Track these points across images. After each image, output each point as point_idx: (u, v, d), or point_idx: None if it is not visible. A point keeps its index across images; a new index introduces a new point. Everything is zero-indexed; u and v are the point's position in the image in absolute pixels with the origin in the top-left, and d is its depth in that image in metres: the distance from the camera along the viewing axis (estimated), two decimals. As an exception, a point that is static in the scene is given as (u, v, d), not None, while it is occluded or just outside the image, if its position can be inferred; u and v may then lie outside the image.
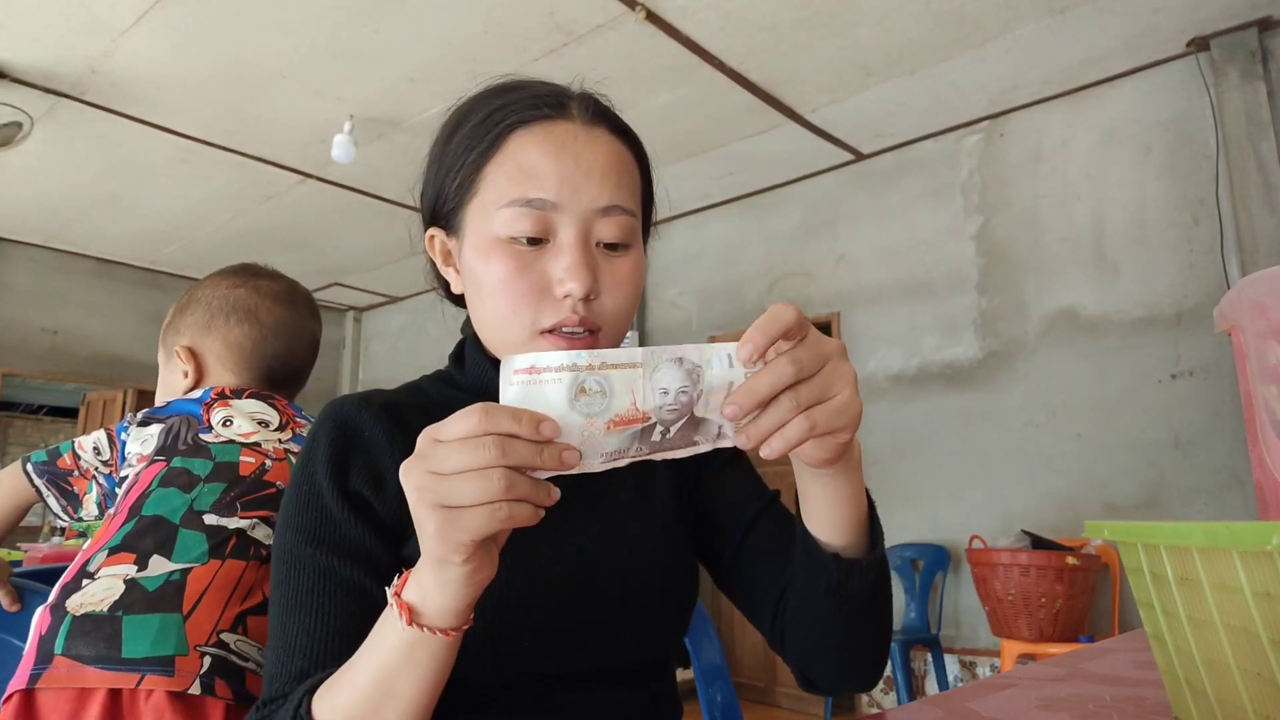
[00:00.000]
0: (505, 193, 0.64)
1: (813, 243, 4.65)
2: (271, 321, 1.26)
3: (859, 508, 0.62)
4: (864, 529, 0.64)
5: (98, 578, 0.97)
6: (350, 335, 7.69)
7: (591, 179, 0.64)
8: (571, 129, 0.66)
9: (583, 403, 0.48)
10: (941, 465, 3.97)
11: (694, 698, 1.20)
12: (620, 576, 0.71)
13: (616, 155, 0.67)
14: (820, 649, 0.68)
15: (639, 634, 0.72)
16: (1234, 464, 3.19)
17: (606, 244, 0.66)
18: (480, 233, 0.66)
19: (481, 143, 0.67)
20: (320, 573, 0.63)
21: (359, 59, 3.51)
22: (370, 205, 5.10)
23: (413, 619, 0.51)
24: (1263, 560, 0.42)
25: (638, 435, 0.49)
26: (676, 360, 0.49)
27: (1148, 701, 0.65)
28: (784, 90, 3.79)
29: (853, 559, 0.63)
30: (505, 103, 0.68)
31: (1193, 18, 3.28)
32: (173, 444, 1.10)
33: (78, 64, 3.54)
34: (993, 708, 0.65)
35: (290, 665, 0.60)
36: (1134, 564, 0.56)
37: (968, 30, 3.34)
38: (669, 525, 0.77)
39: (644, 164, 0.73)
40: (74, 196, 4.99)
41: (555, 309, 0.64)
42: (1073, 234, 3.75)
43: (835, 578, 0.63)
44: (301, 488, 0.67)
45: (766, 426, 0.49)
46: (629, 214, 0.66)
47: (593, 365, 0.47)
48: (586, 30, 3.31)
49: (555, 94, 0.68)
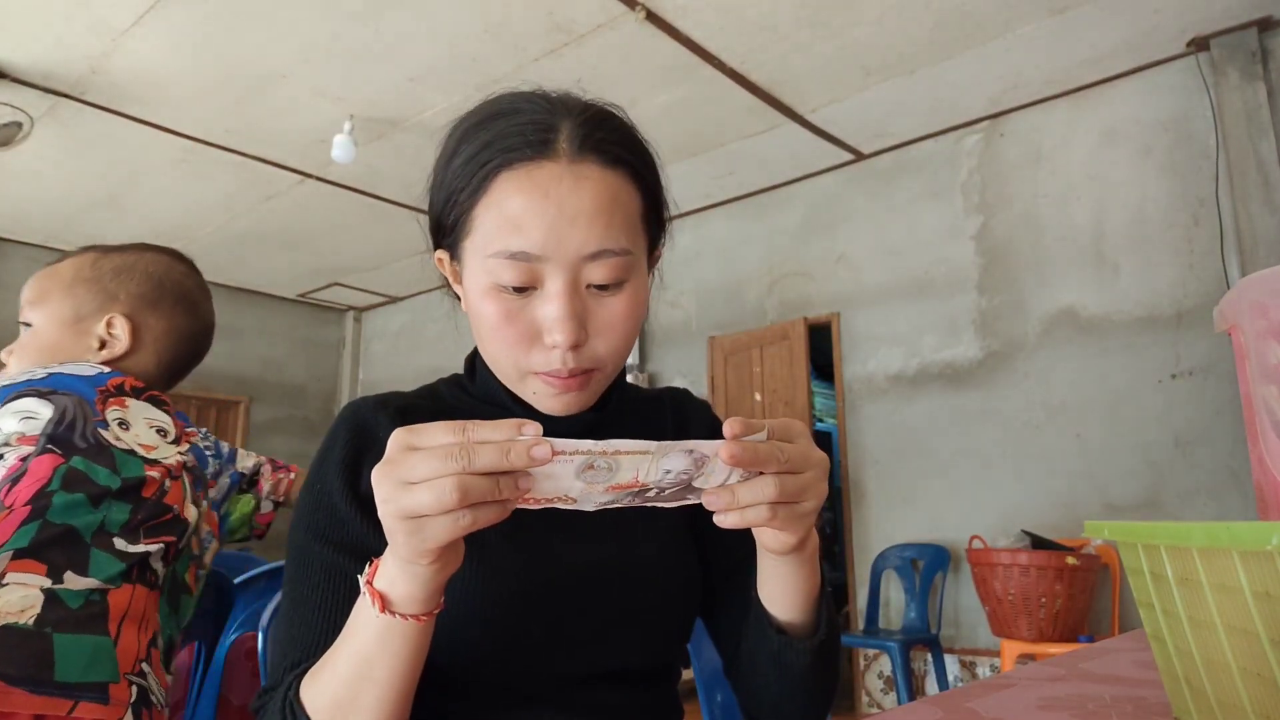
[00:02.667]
0: (492, 241, 0.63)
1: (813, 243, 4.65)
2: (206, 319, 1.20)
3: (809, 594, 0.66)
4: (812, 612, 0.68)
5: (5, 583, 0.88)
6: (350, 335, 7.69)
7: (577, 227, 0.62)
8: (555, 171, 0.63)
9: (587, 475, 0.50)
10: (941, 465, 3.98)
11: (694, 698, 1.21)
12: (628, 581, 0.71)
13: (606, 194, 0.64)
14: (760, 699, 0.74)
15: (646, 638, 0.72)
16: (1234, 464, 3.19)
17: (598, 285, 0.64)
18: (473, 272, 0.66)
19: (470, 183, 0.65)
20: (327, 570, 0.65)
21: (359, 59, 3.51)
22: (370, 205, 5.11)
23: (385, 606, 0.53)
24: (1263, 560, 0.42)
25: (634, 494, 0.52)
26: (687, 451, 0.50)
27: (1148, 701, 0.65)
28: (784, 90, 3.79)
29: (795, 638, 0.67)
30: (492, 138, 0.65)
31: (1193, 18, 3.28)
32: (68, 434, 1.00)
33: (78, 64, 3.54)
34: (992, 708, 0.65)
35: (290, 655, 0.63)
36: (1134, 564, 0.56)
37: (968, 30, 3.34)
38: (676, 531, 0.77)
39: (648, 183, 0.69)
40: (74, 196, 4.99)
41: (545, 357, 0.64)
42: (1073, 234, 3.75)
43: (775, 648, 0.67)
44: (315, 487, 0.69)
45: (741, 499, 0.53)
46: (620, 254, 0.64)
47: (605, 452, 0.49)
48: (586, 30, 3.31)
49: (542, 127, 0.64)
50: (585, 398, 0.69)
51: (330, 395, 7.68)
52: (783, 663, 0.67)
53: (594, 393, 0.70)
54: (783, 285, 4.74)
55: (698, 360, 4.97)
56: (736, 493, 0.53)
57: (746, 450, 0.51)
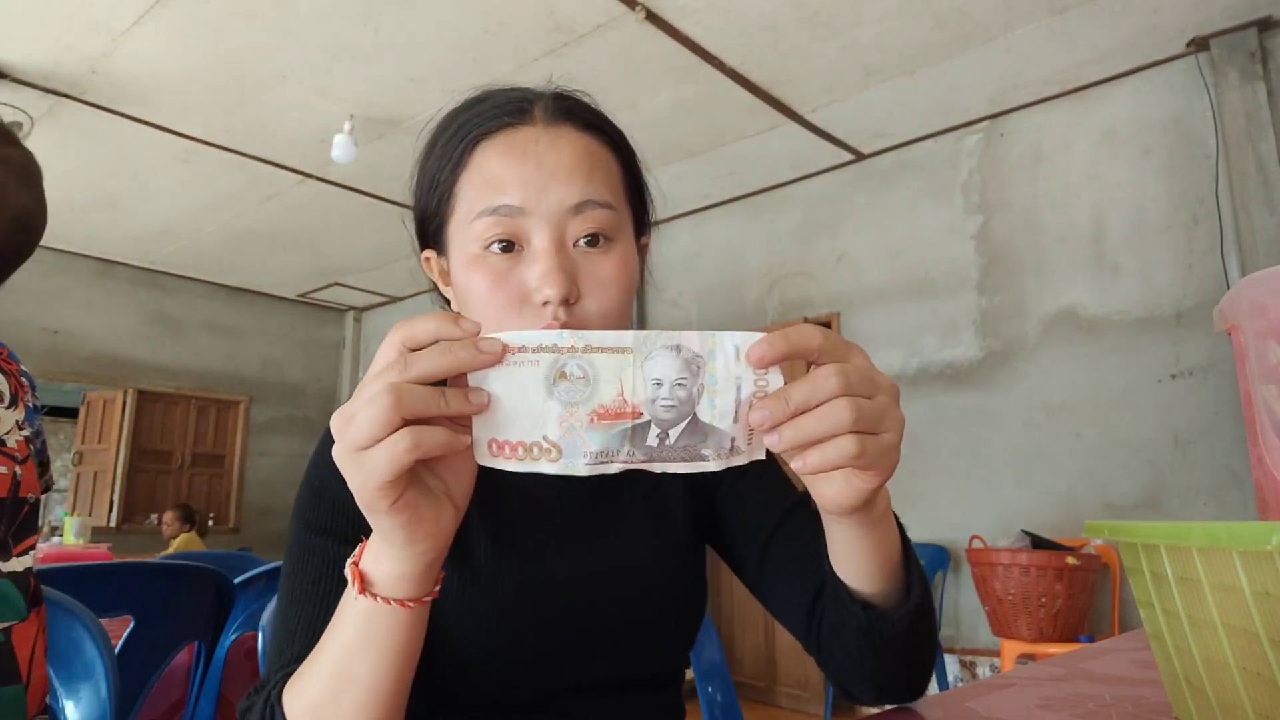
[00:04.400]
0: (475, 205, 0.63)
1: (813, 243, 4.65)
2: (14, 210, 0.86)
3: (891, 556, 0.59)
4: (897, 575, 0.61)
5: None
6: (350, 335, 7.69)
7: (557, 179, 0.62)
8: (533, 132, 0.64)
9: (562, 388, 0.42)
10: (941, 465, 3.97)
11: (694, 697, 1.20)
12: (631, 589, 0.70)
13: (584, 150, 0.65)
14: (853, 674, 0.66)
15: (649, 646, 0.72)
16: (1233, 464, 3.19)
17: (585, 240, 0.63)
18: (460, 249, 0.65)
19: (451, 159, 0.66)
20: (325, 562, 0.64)
21: (359, 59, 3.51)
22: (370, 205, 5.11)
23: (364, 587, 0.49)
24: (1262, 560, 0.42)
25: (628, 435, 0.43)
26: (673, 348, 0.43)
27: (1147, 701, 0.65)
28: (784, 90, 3.79)
29: (883, 610, 0.60)
30: (471, 116, 0.67)
31: (1193, 18, 3.28)
32: None
33: (78, 64, 3.54)
34: (992, 707, 0.65)
35: (287, 651, 0.61)
36: (1134, 564, 0.56)
37: (968, 30, 3.34)
38: (681, 537, 0.76)
39: (625, 155, 0.70)
40: (74, 196, 4.99)
41: (537, 317, 0.62)
42: (1072, 234, 3.75)
43: (863, 623, 0.60)
44: (313, 481, 0.67)
45: (812, 431, 0.44)
46: (604, 207, 0.64)
47: (575, 347, 0.42)
48: (586, 30, 3.31)
49: (518, 100, 0.67)
50: None
51: (330, 395, 7.68)
52: (875, 637, 0.61)
53: None
54: (783, 285, 4.75)
55: (698, 360, 4.96)
56: (801, 424, 0.44)
57: (779, 342, 0.43)
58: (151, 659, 1.31)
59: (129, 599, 1.30)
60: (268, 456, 7.16)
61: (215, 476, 6.91)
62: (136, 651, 1.27)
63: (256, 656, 0.91)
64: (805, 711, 4.12)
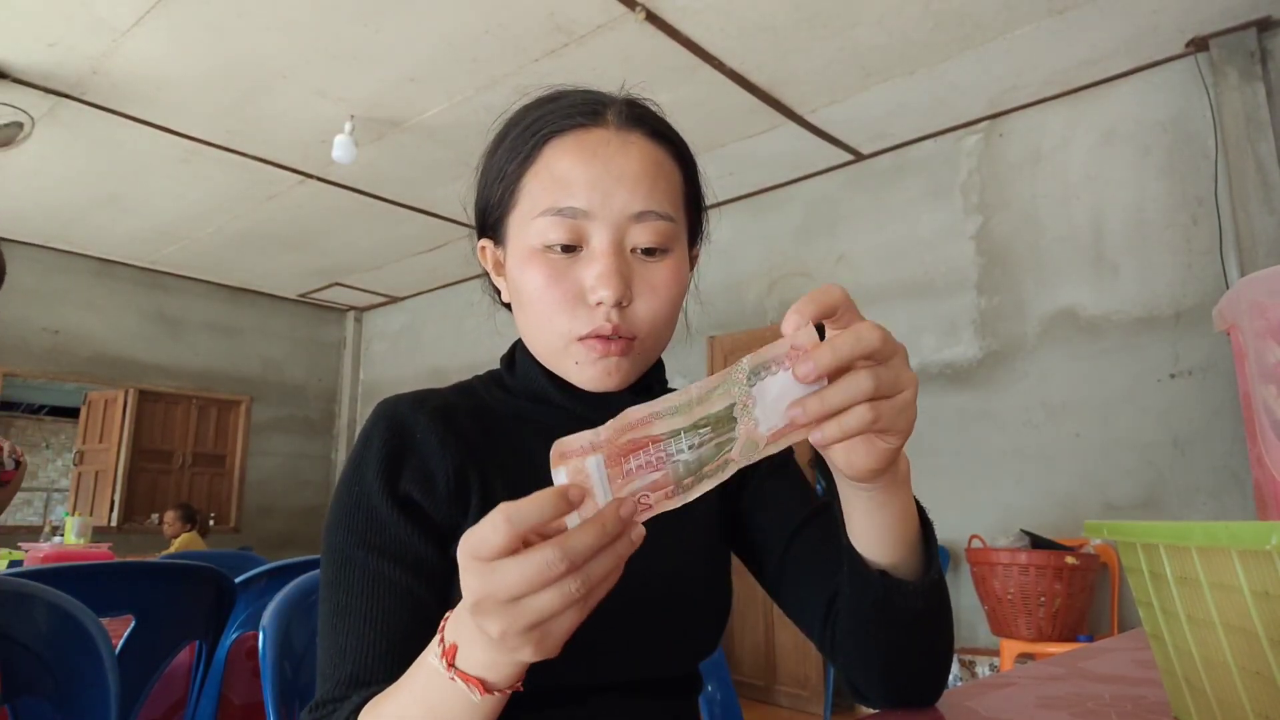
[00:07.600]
0: (540, 202, 0.65)
1: (813, 243, 4.65)
2: None
3: (909, 526, 0.59)
4: (916, 548, 0.61)
5: None
6: (350, 335, 7.69)
7: (623, 184, 0.64)
8: (604, 135, 0.66)
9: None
10: (941, 465, 3.98)
11: (694, 697, 1.20)
12: (659, 591, 0.70)
13: (652, 160, 0.67)
14: (866, 665, 0.66)
15: (675, 647, 0.72)
16: (1233, 464, 3.19)
17: (643, 249, 0.65)
18: (520, 242, 0.67)
19: (520, 153, 0.68)
20: (370, 576, 0.63)
21: (359, 59, 3.51)
22: (370, 205, 5.11)
23: (485, 689, 0.47)
24: (1262, 560, 0.42)
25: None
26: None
27: (1147, 701, 0.65)
28: (784, 90, 3.79)
29: (901, 579, 0.60)
30: (544, 113, 0.69)
31: (1192, 18, 3.28)
32: None
33: (78, 64, 3.54)
34: (992, 707, 0.65)
35: (341, 668, 0.61)
36: (1133, 563, 0.56)
37: (968, 30, 3.35)
38: (707, 538, 0.76)
39: (688, 167, 0.73)
40: (74, 196, 4.99)
41: (589, 316, 0.64)
42: (1072, 234, 3.75)
43: (880, 593, 0.60)
44: (353, 488, 0.66)
45: (833, 402, 0.45)
46: (665, 219, 0.66)
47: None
48: (587, 30, 3.31)
49: (592, 101, 0.69)
50: (626, 368, 0.67)
51: (331, 395, 7.68)
52: (890, 611, 0.60)
53: (634, 367, 0.68)
54: (783, 285, 4.74)
55: (698, 360, 4.96)
56: (825, 397, 0.45)
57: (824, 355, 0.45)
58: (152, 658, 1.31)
59: (130, 599, 1.31)
60: (268, 456, 7.16)
61: (216, 476, 6.92)
62: (137, 651, 1.27)
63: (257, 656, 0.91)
64: (805, 711, 4.12)
